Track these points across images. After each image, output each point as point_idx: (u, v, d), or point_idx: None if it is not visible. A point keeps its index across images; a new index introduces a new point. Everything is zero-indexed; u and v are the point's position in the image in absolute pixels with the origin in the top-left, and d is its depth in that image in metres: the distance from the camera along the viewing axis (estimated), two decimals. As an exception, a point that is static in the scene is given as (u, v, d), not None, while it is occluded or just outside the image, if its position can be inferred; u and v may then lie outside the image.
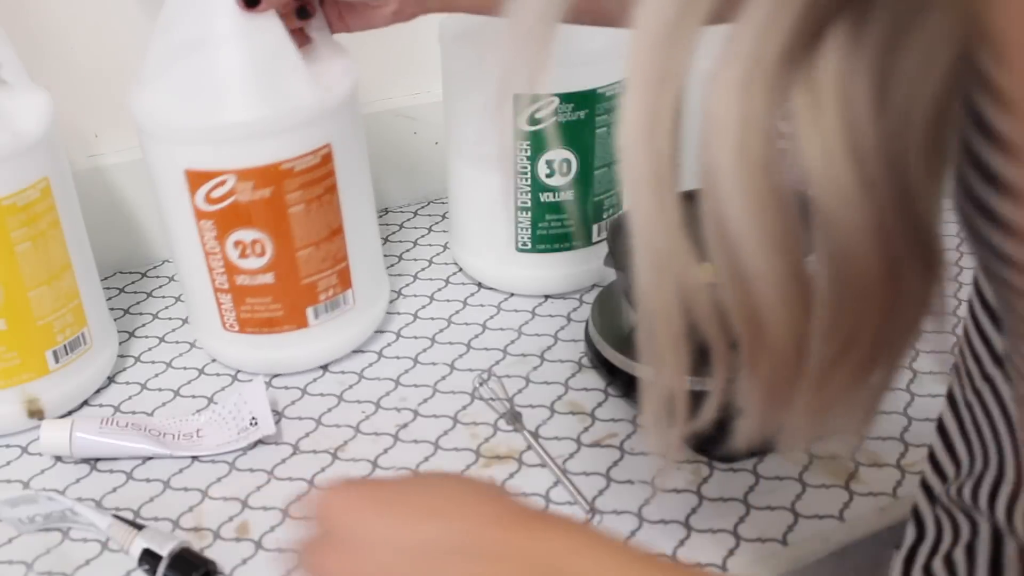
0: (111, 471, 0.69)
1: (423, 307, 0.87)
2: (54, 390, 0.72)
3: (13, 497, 0.62)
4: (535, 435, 0.70)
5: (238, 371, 0.79)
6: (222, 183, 0.67)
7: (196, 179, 0.68)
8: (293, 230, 0.70)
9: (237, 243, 0.70)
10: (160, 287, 0.91)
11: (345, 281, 0.75)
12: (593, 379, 0.77)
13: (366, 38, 0.97)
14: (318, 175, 0.70)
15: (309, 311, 0.74)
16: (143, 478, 0.68)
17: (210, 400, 0.76)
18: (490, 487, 0.42)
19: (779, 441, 0.41)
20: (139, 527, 0.62)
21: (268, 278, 0.71)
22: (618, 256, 0.73)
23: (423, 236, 0.98)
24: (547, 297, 0.88)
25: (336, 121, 0.71)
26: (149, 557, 0.60)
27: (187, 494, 0.67)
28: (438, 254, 0.95)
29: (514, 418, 0.72)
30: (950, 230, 0.39)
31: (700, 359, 0.75)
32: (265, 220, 0.69)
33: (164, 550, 0.59)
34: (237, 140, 0.67)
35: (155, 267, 0.94)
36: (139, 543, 0.60)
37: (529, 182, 0.82)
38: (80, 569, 0.61)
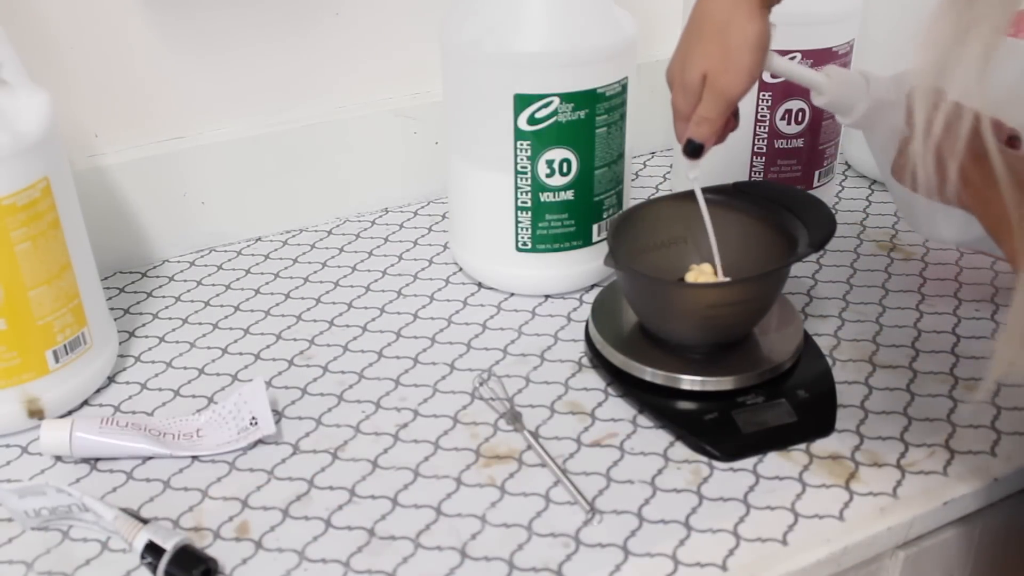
0: (111, 471, 0.69)
1: (423, 307, 0.87)
2: (54, 390, 0.72)
3: (21, 487, 0.62)
4: (535, 435, 0.70)
5: (238, 370, 0.79)
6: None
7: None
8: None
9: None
10: (160, 287, 0.91)
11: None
12: (593, 379, 0.77)
13: (366, 38, 0.98)
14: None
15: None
16: (143, 478, 0.68)
17: (210, 400, 0.76)
18: None
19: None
20: (144, 521, 0.62)
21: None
22: (618, 256, 0.73)
23: (423, 236, 0.98)
24: (547, 297, 0.88)
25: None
26: (152, 552, 0.60)
27: (187, 494, 0.67)
28: (438, 254, 0.95)
29: (514, 418, 0.72)
30: None
31: (707, 360, 0.76)
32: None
33: (168, 544, 0.59)
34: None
35: (155, 267, 0.94)
36: (143, 536, 0.60)
37: (529, 182, 0.82)
38: (80, 569, 0.61)
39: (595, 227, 0.85)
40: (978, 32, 0.46)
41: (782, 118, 0.92)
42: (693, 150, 0.69)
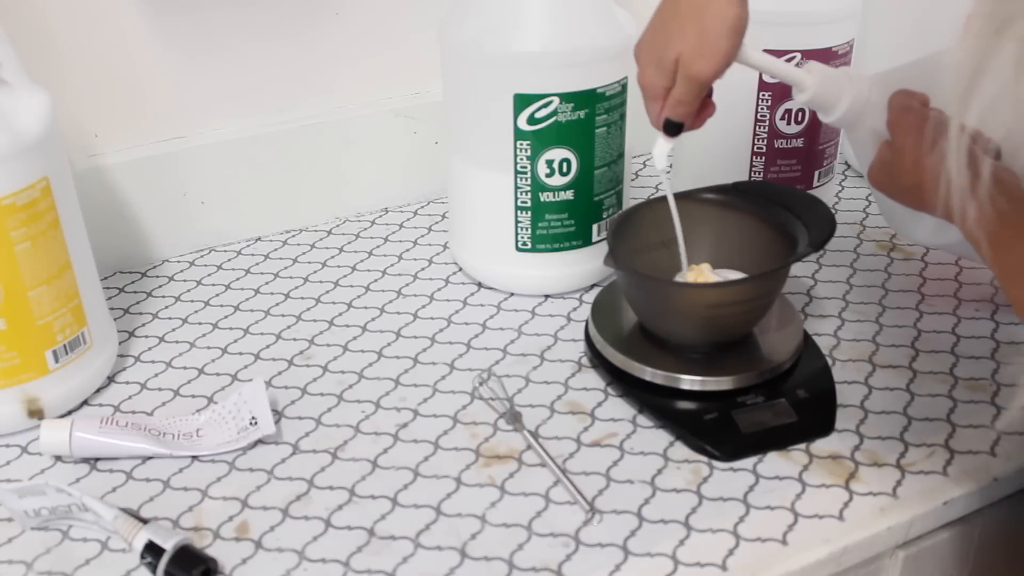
0: (111, 471, 0.69)
1: (423, 307, 0.87)
2: (54, 390, 0.72)
3: (21, 487, 0.62)
4: (535, 435, 0.70)
5: (238, 370, 0.79)
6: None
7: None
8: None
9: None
10: (160, 287, 0.91)
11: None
12: (593, 379, 0.77)
13: (365, 38, 0.98)
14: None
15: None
16: (143, 478, 0.68)
17: (210, 400, 0.76)
18: None
19: None
20: (144, 520, 0.62)
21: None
22: (618, 256, 0.73)
23: (423, 236, 0.98)
24: (547, 297, 0.88)
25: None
26: (151, 552, 0.60)
27: (187, 494, 0.67)
28: (438, 254, 0.95)
29: (514, 418, 0.72)
30: None
31: (707, 360, 0.76)
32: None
33: (168, 543, 0.59)
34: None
35: (155, 267, 0.94)
36: (143, 536, 0.60)
37: (529, 182, 0.82)
38: (80, 569, 0.61)
39: (595, 227, 0.85)
40: (1013, 32, 0.45)
41: (782, 118, 0.92)
42: (674, 128, 0.69)
